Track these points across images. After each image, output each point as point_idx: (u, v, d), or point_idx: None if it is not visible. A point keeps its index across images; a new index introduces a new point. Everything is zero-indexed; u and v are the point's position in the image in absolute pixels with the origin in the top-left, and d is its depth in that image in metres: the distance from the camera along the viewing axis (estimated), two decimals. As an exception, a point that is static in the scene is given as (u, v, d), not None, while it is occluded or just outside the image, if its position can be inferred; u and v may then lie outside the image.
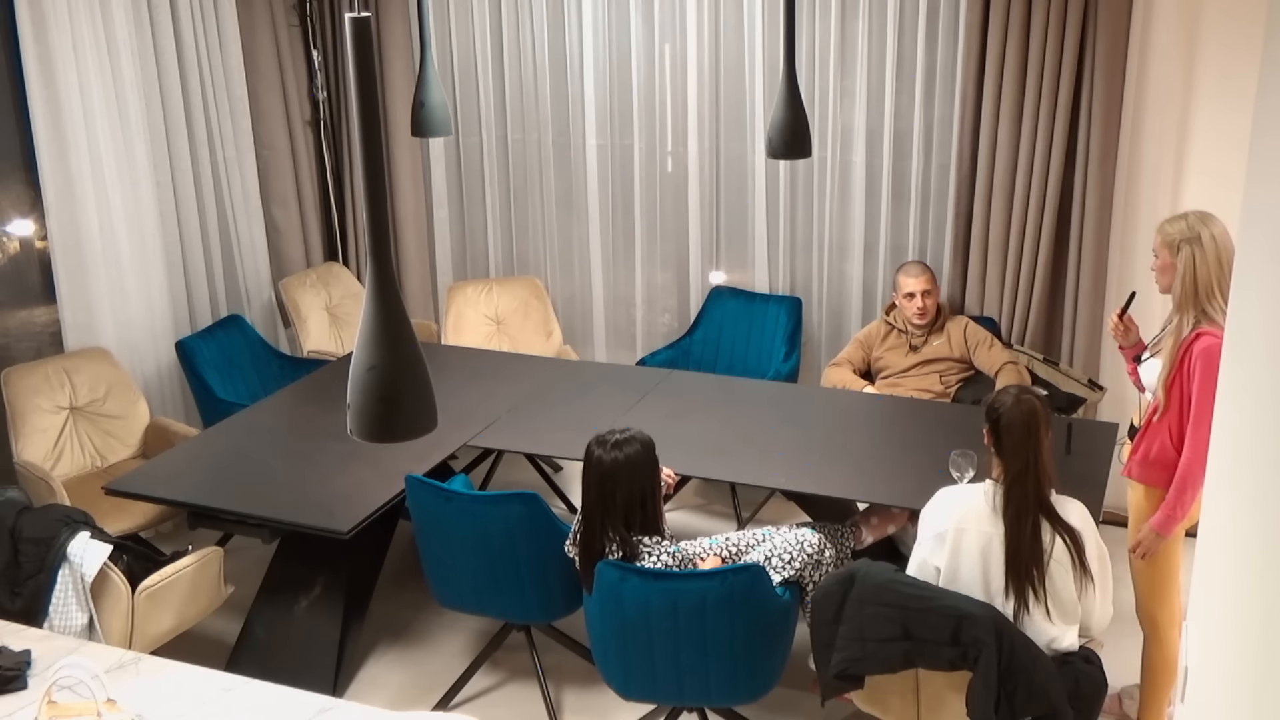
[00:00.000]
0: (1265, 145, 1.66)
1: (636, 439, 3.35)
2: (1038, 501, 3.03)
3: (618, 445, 3.32)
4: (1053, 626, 3.06)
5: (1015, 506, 3.03)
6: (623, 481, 3.31)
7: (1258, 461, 1.49)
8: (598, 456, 3.33)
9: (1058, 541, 3.04)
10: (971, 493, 3.16)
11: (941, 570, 3.14)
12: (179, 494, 4.01)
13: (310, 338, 5.61)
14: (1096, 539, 3.11)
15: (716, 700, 3.43)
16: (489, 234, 6.02)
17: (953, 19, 4.90)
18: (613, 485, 3.31)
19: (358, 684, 4.13)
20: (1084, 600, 3.08)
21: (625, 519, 3.33)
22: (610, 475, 3.31)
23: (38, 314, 5.02)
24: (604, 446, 3.33)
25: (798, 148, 3.46)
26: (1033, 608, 3.04)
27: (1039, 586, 3.03)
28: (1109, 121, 4.56)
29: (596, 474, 3.34)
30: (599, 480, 3.33)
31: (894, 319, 4.92)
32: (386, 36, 5.66)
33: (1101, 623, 3.17)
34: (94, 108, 4.78)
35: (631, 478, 3.31)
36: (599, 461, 3.32)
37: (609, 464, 3.31)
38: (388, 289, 1.75)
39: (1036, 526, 3.03)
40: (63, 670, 2.65)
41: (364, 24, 1.68)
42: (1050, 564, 3.04)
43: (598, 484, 3.33)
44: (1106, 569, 3.14)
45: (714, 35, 5.31)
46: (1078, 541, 3.05)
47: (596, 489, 3.34)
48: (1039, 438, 3.03)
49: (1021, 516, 3.02)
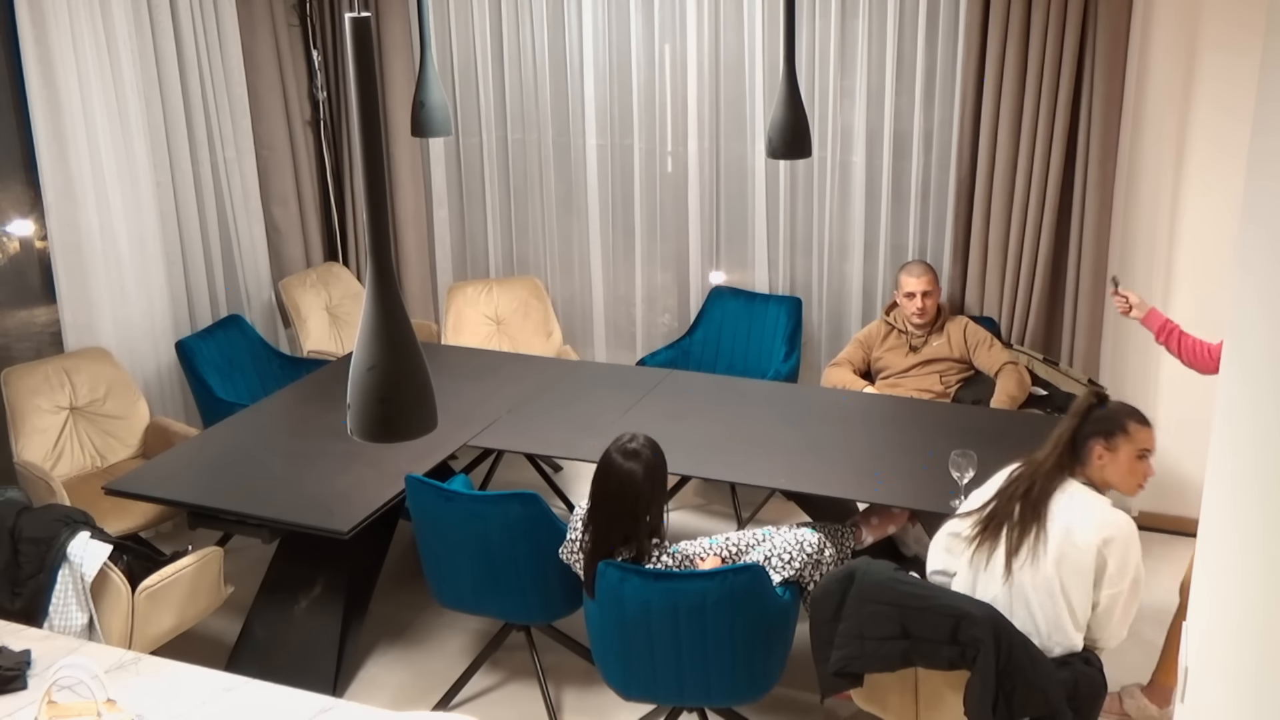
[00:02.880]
0: (1265, 145, 1.66)
1: (649, 445, 3.33)
2: (1068, 467, 3.10)
3: (635, 455, 3.28)
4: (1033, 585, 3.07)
5: (1054, 448, 3.11)
6: (644, 491, 3.28)
7: (1258, 461, 1.49)
8: (630, 469, 3.27)
9: (1084, 545, 3.01)
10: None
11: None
12: (179, 494, 4.01)
13: (310, 338, 5.61)
14: (1136, 559, 3.05)
15: (716, 700, 3.43)
16: (489, 234, 6.02)
17: (953, 19, 4.90)
18: (645, 501, 3.29)
19: (358, 684, 4.13)
20: (1101, 611, 3.05)
21: (637, 525, 3.31)
22: (641, 490, 3.27)
23: (38, 314, 5.02)
24: (628, 456, 3.28)
25: (798, 148, 3.46)
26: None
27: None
28: (1109, 121, 4.56)
29: (630, 488, 3.27)
30: (632, 494, 3.27)
31: (894, 319, 4.92)
32: (386, 36, 5.66)
33: (1111, 642, 3.13)
34: (94, 108, 4.78)
35: (649, 485, 3.29)
36: (632, 475, 3.27)
37: (641, 476, 3.26)
38: (388, 289, 1.75)
39: (1052, 476, 3.09)
40: (63, 670, 2.65)
41: (364, 24, 1.68)
42: (1069, 551, 3.02)
43: (631, 498, 3.28)
44: (1138, 589, 3.08)
45: (714, 35, 5.31)
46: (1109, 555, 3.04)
47: (630, 503, 3.28)
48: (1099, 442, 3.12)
49: (1044, 500, 3.07)
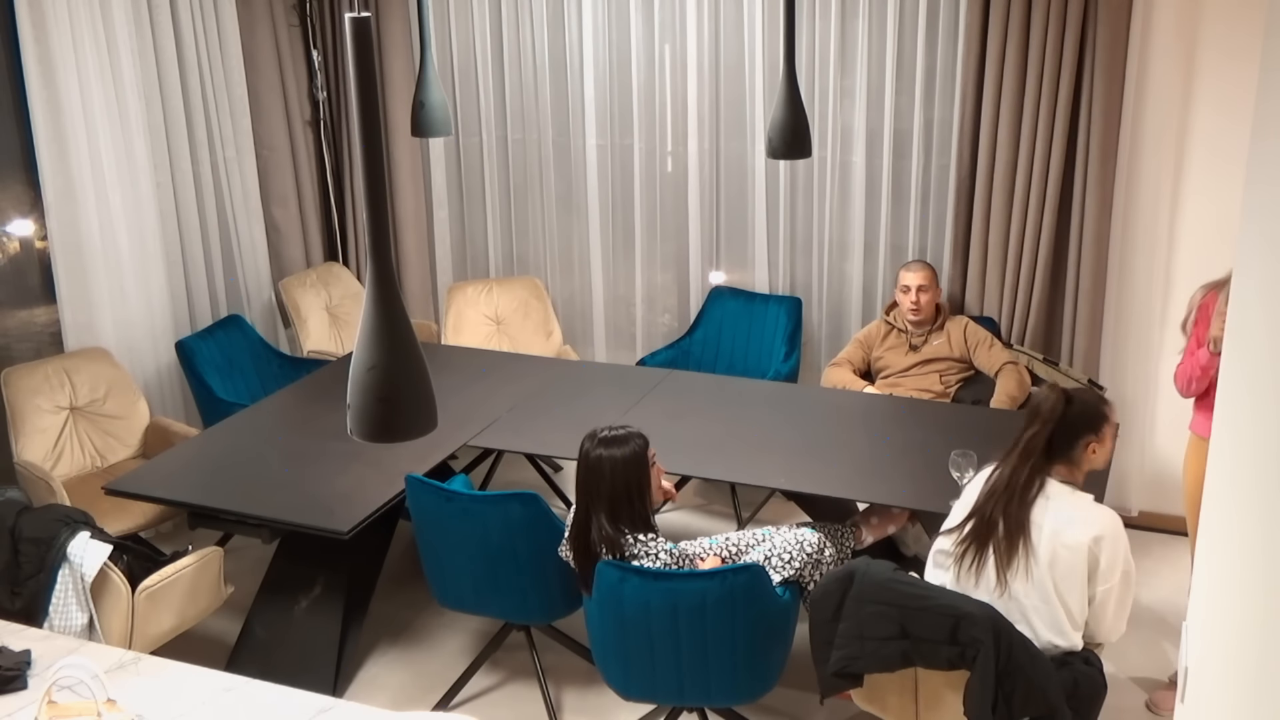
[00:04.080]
0: (1265, 146, 1.66)
1: (630, 436, 3.38)
2: (1044, 470, 3.09)
3: (606, 442, 3.37)
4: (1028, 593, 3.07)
5: (1026, 456, 3.09)
6: (606, 475, 3.35)
7: (1258, 461, 1.49)
8: (585, 450, 3.39)
9: (1075, 544, 3.02)
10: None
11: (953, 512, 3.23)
12: (179, 494, 4.01)
13: (310, 338, 5.61)
14: (1125, 552, 3.07)
15: (716, 700, 3.43)
16: (489, 234, 6.02)
17: (953, 19, 4.90)
18: (597, 479, 3.36)
19: (358, 684, 4.13)
20: (1095, 607, 3.07)
21: (610, 512, 3.35)
22: (595, 469, 3.36)
23: (38, 314, 5.02)
24: (594, 441, 3.39)
25: (798, 148, 3.46)
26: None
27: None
28: (1109, 121, 4.56)
29: (583, 467, 3.39)
30: (585, 473, 3.39)
31: (894, 319, 4.92)
32: (386, 36, 5.66)
33: (1109, 635, 3.15)
34: (94, 108, 4.78)
35: (615, 472, 3.34)
36: (585, 455, 3.39)
37: (594, 459, 3.36)
38: (388, 289, 1.75)
39: (1029, 485, 3.07)
40: (63, 670, 2.65)
41: (364, 24, 1.68)
42: (1061, 553, 3.02)
43: (584, 477, 3.39)
44: (1129, 585, 3.10)
45: (714, 35, 5.31)
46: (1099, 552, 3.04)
47: (583, 482, 3.39)
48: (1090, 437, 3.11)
49: (1028, 497, 3.06)
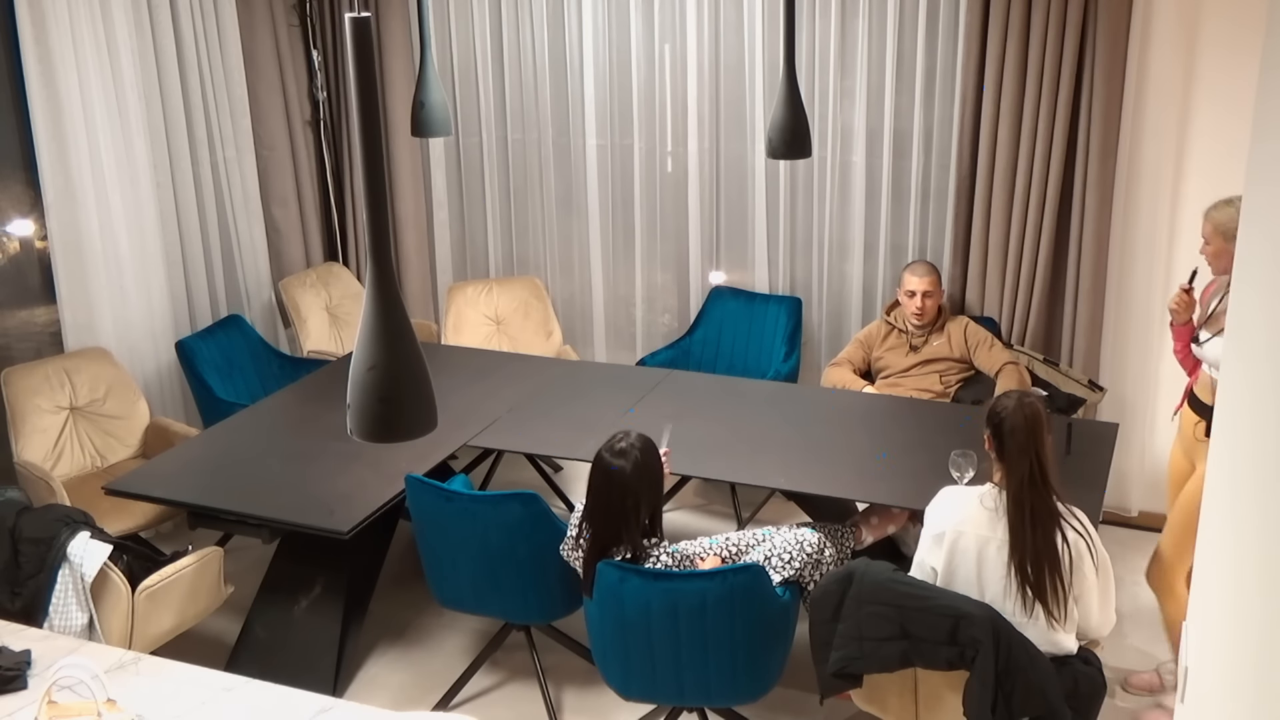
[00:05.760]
0: (1265, 146, 1.66)
1: (639, 444, 3.30)
2: (1050, 508, 3.02)
3: (624, 454, 3.26)
4: (1055, 631, 3.06)
5: (1030, 512, 3.00)
6: (633, 490, 3.27)
7: (1258, 461, 1.49)
8: (619, 468, 3.26)
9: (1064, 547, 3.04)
10: (971, 495, 3.15)
11: (939, 572, 3.13)
12: (179, 494, 4.01)
13: (310, 338, 5.61)
14: (1098, 545, 3.10)
15: (717, 700, 3.43)
16: (489, 234, 6.02)
17: (953, 19, 4.90)
18: (635, 499, 3.27)
19: (358, 684, 4.13)
20: (1081, 604, 3.08)
21: (643, 528, 3.31)
22: (631, 488, 3.26)
23: (38, 314, 5.02)
24: (616, 455, 3.27)
25: (798, 148, 3.46)
26: (1051, 613, 3.03)
27: (1063, 590, 3.01)
28: (1109, 121, 4.56)
29: (618, 487, 3.26)
30: (621, 494, 3.26)
31: (894, 318, 4.92)
32: (386, 36, 5.66)
33: (1101, 629, 3.16)
34: (94, 108, 4.78)
35: (640, 484, 3.27)
36: (620, 473, 3.26)
37: (629, 475, 3.25)
38: (388, 289, 1.75)
39: (1050, 533, 3.01)
40: (63, 670, 2.65)
41: (364, 24, 1.68)
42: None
43: (619, 497, 3.26)
44: (1108, 575, 3.13)
45: (714, 35, 5.31)
46: (1085, 546, 3.04)
47: (619, 502, 3.27)
48: (1041, 442, 3.02)
49: (1036, 523, 2.99)
